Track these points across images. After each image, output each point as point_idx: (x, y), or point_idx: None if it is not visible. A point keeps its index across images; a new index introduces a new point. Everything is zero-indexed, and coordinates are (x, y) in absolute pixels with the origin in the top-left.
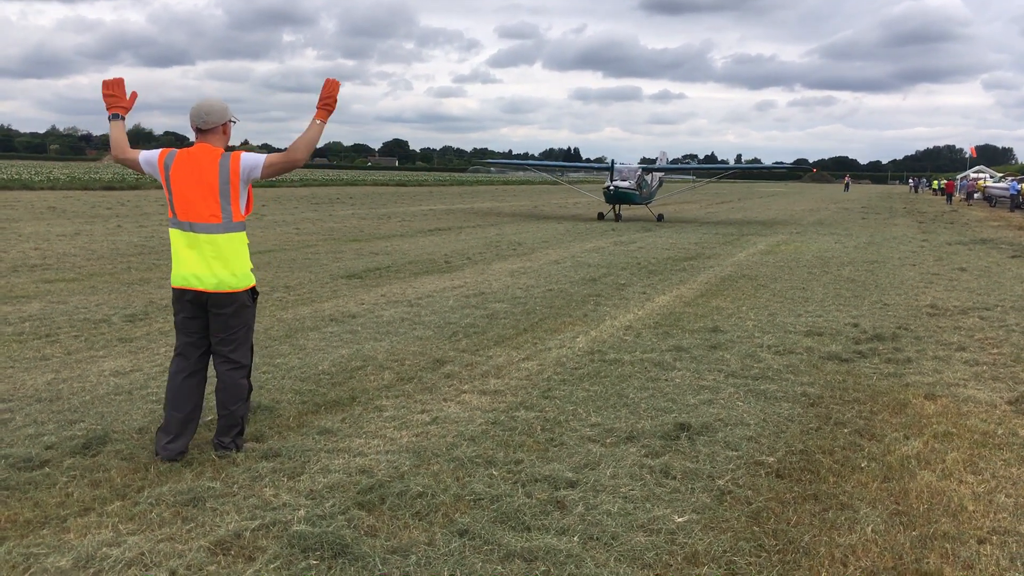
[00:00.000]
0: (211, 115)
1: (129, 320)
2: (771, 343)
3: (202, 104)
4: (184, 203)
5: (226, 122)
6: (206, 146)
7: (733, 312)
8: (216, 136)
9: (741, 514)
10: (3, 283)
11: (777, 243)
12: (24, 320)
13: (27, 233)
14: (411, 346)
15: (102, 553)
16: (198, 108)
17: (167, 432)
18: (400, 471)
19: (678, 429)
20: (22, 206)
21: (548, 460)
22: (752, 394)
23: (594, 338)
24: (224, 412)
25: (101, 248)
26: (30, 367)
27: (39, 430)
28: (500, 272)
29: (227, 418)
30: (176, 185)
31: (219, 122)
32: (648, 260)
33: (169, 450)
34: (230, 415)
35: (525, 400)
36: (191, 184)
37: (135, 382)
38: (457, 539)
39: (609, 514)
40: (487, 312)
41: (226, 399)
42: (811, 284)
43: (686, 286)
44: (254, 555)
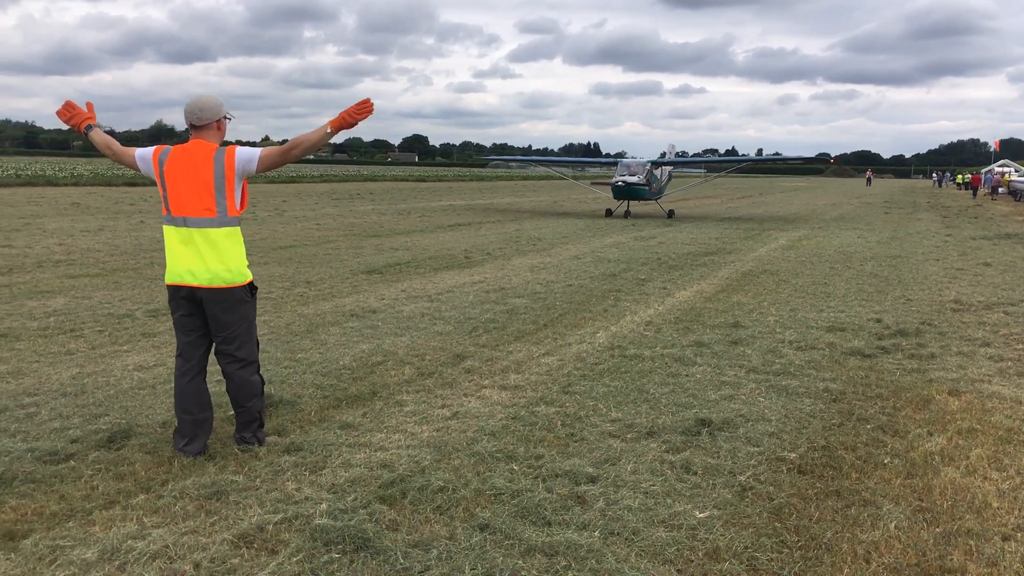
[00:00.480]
0: (205, 112)
1: (152, 315)
2: (793, 338)
3: (196, 101)
4: (178, 198)
5: (220, 118)
6: (200, 142)
7: (754, 307)
8: (211, 132)
9: (763, 510)
10: (28, 278)
11: (799, 238)
12: (49, 315)
13: (51, 229)
14: (431, 341)
15: (127, 546)
16: (192, 105)
17: (182, 435)
18: (421, 465)
19: (699, 425)
20: (46, 202)
21: (568, 455)
22: (773, 390)
23: (614, 333)
24: (240, 409)
25: (124, 244)
26: (55, 361)
27: (64, 424)
28: (520, 267)
29: (244, 414)
30: (170, 181)
31: (213, 118)
32: (668, 255)
33: (187, 451)
34: (247, 411)
35: (545, 395)
36: (186, 179)
37: (158, 376)
38: (478, 533)
39: (630, 509)
40: (507, 307)
41: (240, 397)
42: (833, 279)
43: (707, 281)
44: (277, 548)
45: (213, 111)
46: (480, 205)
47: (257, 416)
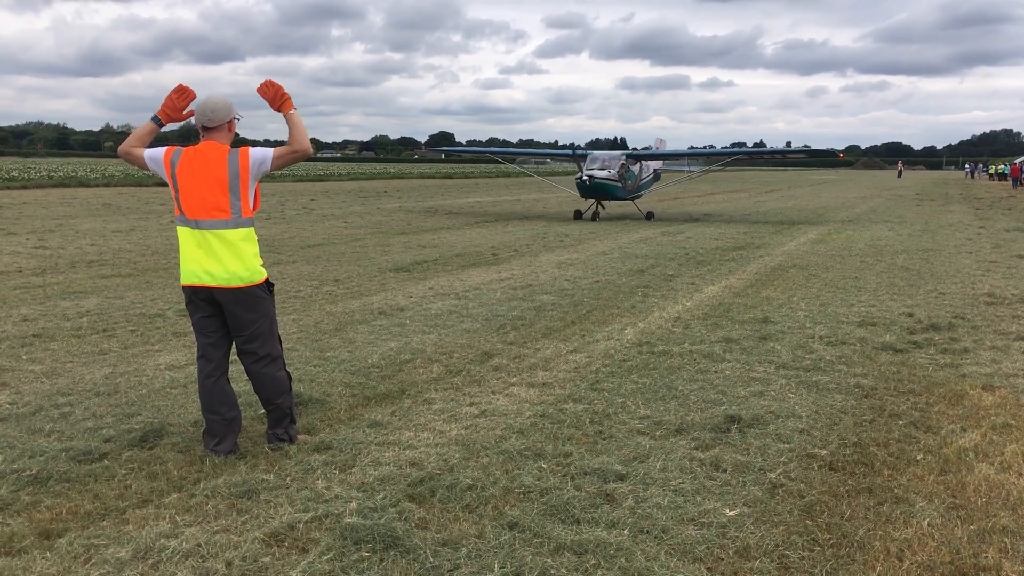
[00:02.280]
0: (216, 112)
1: (183, 314)
2: (823, 334)
3: (207, 102)
4: (191, 200)
5: (231, 119)
6: (212, 143)
7: (784, 302)
8: (221, 133)
9: (793, 508)
10: (62, 279)
11: (828, 232)
12: (82, 315)
13: (84, 229)
14: (459, 339)
15: (160, 544)
16: (203, 106)
17: (212, 435)
18: (450, 464)
19: (728, 421)
20: (79, 203)
21: (597, 453)
22: (804, 386)
23: (642, 330)
24: (271, 407)
25: (155, 244)
26: (88, 361)
27: (98, 423)
28: (547, 264)
29: (276, 411)
30: (183, 182)
31: (224, 120)
32: (696, 250)
33: (218, 451)
34: (277, 408)
35: (573, 393)
36: (199, 181)
37: (190, 376)
38: (507, 532)
39: (659, 507)
40: (534, 304)
41: (269, 395)
42: (864, 273)
43: (735, 276)
44: (307, 547)
45: (224, 112)
46: (507, 200)
47: (288, 412)
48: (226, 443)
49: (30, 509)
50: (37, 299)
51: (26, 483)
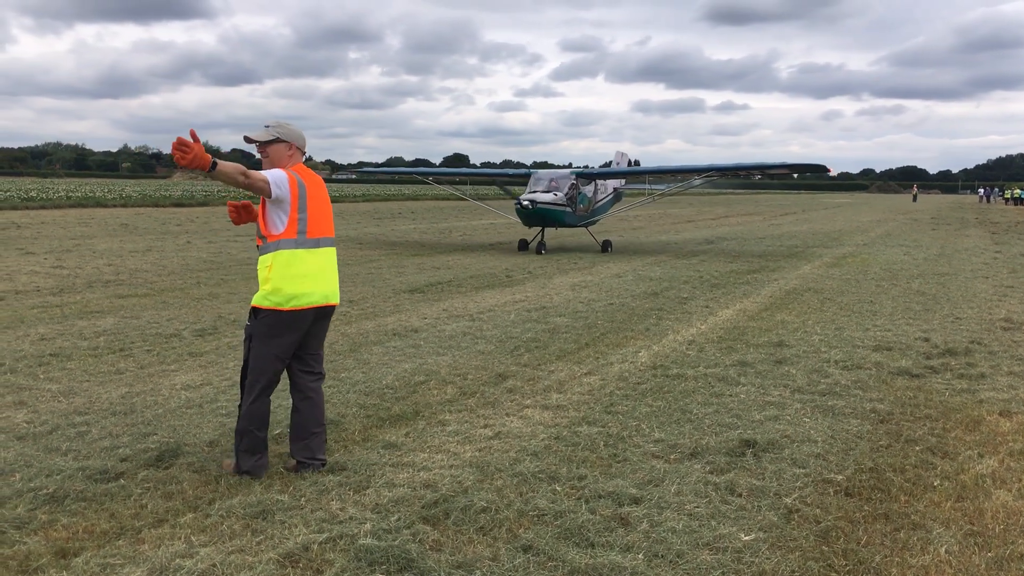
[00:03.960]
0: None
1: (199, 335)
2: (839, 358)
3: (297, 129)
4: (317, 220)
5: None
6: (303, 166)
7: (799, 326)
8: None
9: (809, 533)
10: (79, 298)
11: (843, 255)
12: (99, 335)
13: (101, 249)
14: (473, 360)
15: (175, 564)
16: (300, 133)
17: (255, 451)
18: (464, 486)
19: (743, 445)
20: (96, 223)
21: (611, 476)
22: (819, 410)
23: (657, 353)
24: (319, 429)
25: (172, 264)
26: (105, 381)
27: (114, 443)
28: (561, 286)
29: (323, 433)
30: (312, 203)
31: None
32: (711, 273)
33: (259, 467)
34: (324, 430)
35: (588, 415)
36: (321, 202)
37: (205, 396)
38: (521, 555)
39: (674, 531)
40: (548, 326)
41: (319, 414)
42: (879, 297)
43: (750, 299)
44: (322, 568)
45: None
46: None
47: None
48: (265, 459)
49: (47, 528)
50: (54, 318)
51: (43, 502)
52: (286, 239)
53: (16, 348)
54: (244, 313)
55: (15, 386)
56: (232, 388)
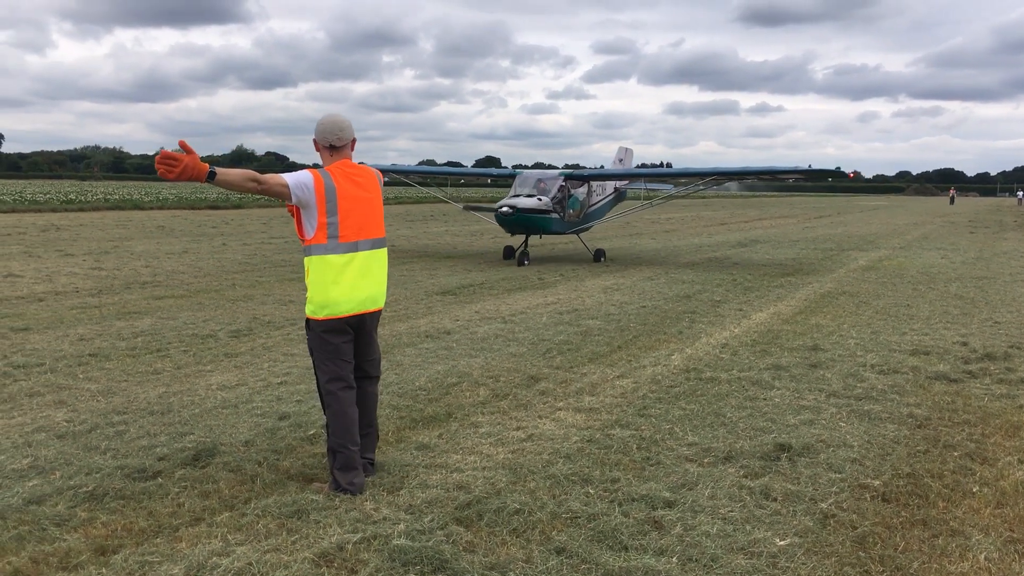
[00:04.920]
0: (345, 131)
1: (234, 335)
2: (875, 362)
3: (335, 121)
4: (352, 222)
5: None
6: (349, 162)
7: (834, 330)
8: (348, 151)
9: (846, 539)
10: (117, 299)
11: (879, 258)
12: (137, 335)
13: (138, 251)
14: (505, 363)
15: (212, 562)
16: (331, 125)
17: (350, 468)
18: (497, 487)
19: (778, 450)
20: (133, 225)
21: (645, 479)
22: (855, 415)
23: (690, 356)
24: (371, 429)
25: (207, 266)
26: (143, 381)
27: (152, 442)
28: (593, 288)
29: (375, 433)
30: (345, 205)
31: (351, 137)
32: (744, 276)
33: (357, 484)
34: (377, 429)
35: (620, 418)
36: (359, 202)
37: (241, 396)
38: (555, 557)
39: (708, 535)
40: (581, 329)
41: (373, 416)
42: (916, 301)
43: (784, 303)
44: (356, 568)
45: (350, 130)
46: None
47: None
48: (361, 477)
49: (86, 525)
50: (93, 319)
51: (83, 499)
52: (317, 244)
53: (56, 348)
54: (278, 315)
55: (55, 385)
56: (267, 389)
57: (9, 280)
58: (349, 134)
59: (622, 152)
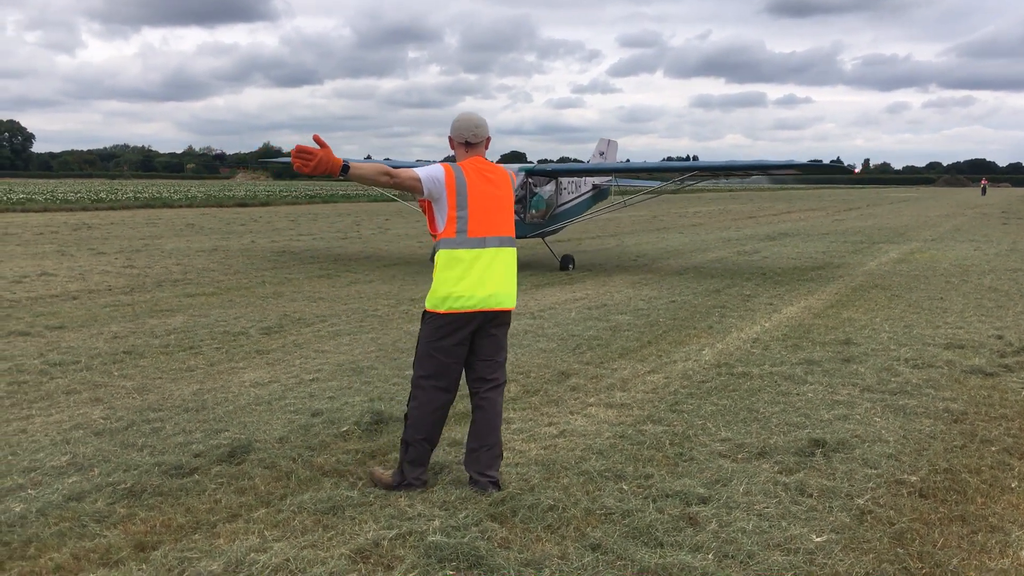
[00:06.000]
0: (480, 128)
1: (265, 332)
2: (908, 356)
3: (470, 117)
4: (481, 218)
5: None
6: (481, 159)
7: (866, 324)
8: (483, 149)
9: (883, 535)
10: (149, 297)
11: (911, 251)
12: (169, 333)
13: (169, 249)
14: (535, 358)
15: (250, 558)
16: (466, 122)
17: (420, 463)
18: (530, 484)
19: (812, 445)
20: (163, 223)
21: (678, 475)
22: (890, 409)
23: (721, 351)
24: (492, 442)
25: (237, 263)
26: (176, 378)
27: (187, 438)
28: (621, 283)
29: (497, 447)
30: (475, 200)
31: (486, 135)
32: (773, 270)
33: (420, 481)
34: (498, 443)
35: (652, 414)
36: (489, 198)
37: (273, 393)
38: (590, 553)
39: (744, 532)
40: (610, 324)
41: (495, 426)
42: (949, 294)
43: (815, 296)
44: (392, 564)
45: (486, 127)
46: None
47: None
48: (425, 475)
49: (125, 522)
50: (126, 317)
51: (121, 496)
52: (446, 238)
53: (91, 346)
54: (308, 311)
55: (91, 383)
56: (300, 386)
57: (43, 279)
58: (484, 131)
59: (603, 144)
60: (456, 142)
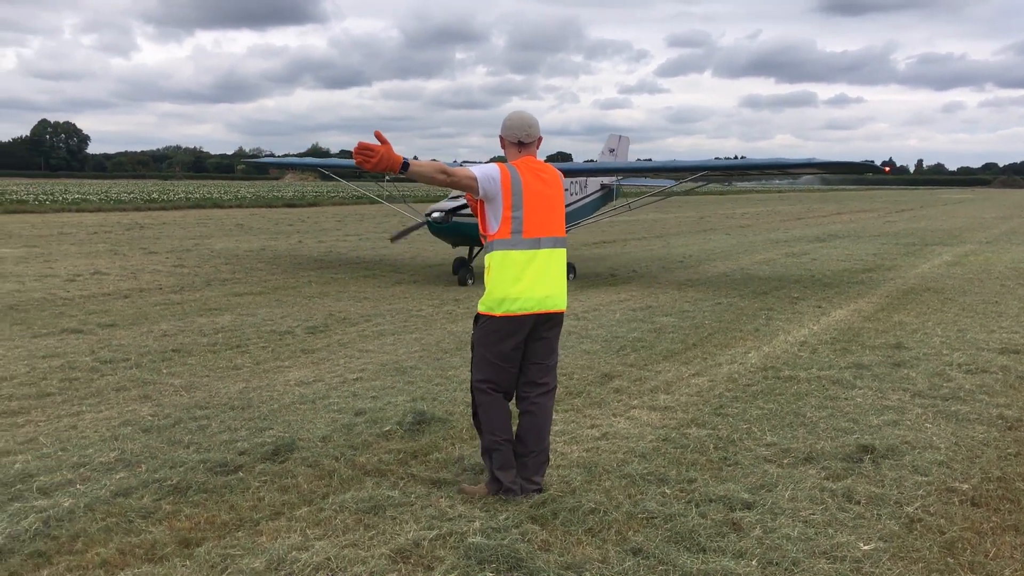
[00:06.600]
0: (533, 128)
1: (311, 332)
2: (961, 361)
3: (523, 117)
4: (535, 219)
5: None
6: (534, 159)
7: (918, 327)
8: (535, 149)
9: (933, 544)
10: (199, 296)
11: (965, 253)
12: (217, 331)
13: (218, 249)
14: (579, 360)
15: (292, 557)
16: (519, 121)
17: (509, 466)
18: (572, 486)
19: (861, 451)
20: (213, 223)
21: (722, 480)
22: (942, 415)
23: (767, 354)
24: (541, 448)
25: (284, 263)
26: (223, 376)
27: (233, 436)
28: (667, 284)
29: (544, 452)
30: (529, 200)
31: (538, 135)
32: (822, 272)
33: (518, 483)
34: (546, 449)
35: (696, 417)
36: (542, 199)
37: (318, 392)
38: (631, 558)
39: (789, 538)
40: (654, 326)
41: (544, 432)
42: (1005, 297)
43: (865, 299)
44: (432, 565)
45: (537, 127)
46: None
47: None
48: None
49: (171, 518)
50: (176, 315)
51: (167, 492)
52: (500, 239)
53: (141, 344)
54: (353, 311)
55: (140, 380)
56: (343, 385)
57: (96, 277)
58: (537, 131)
59: (613, 141)
60: (508, 142)
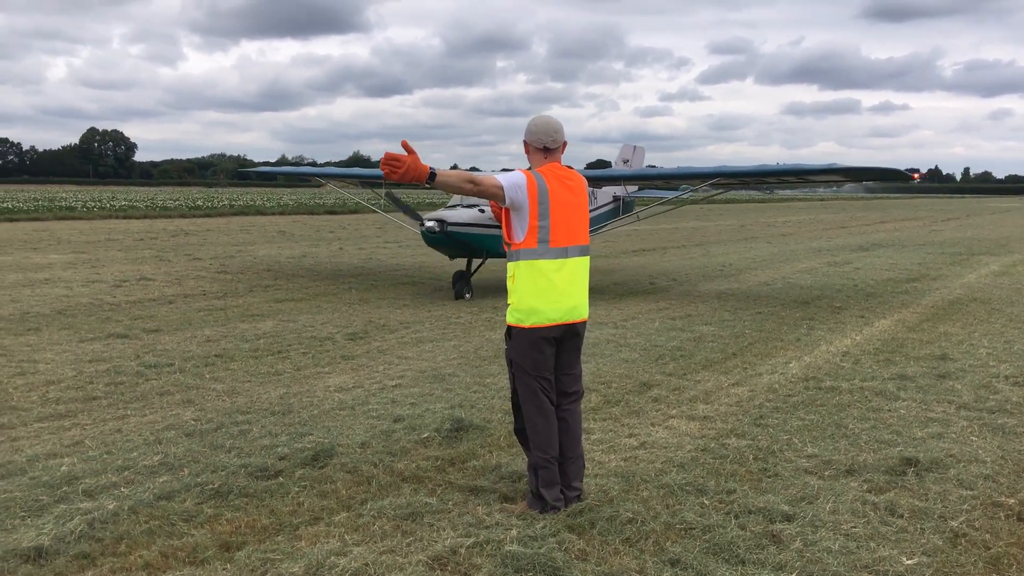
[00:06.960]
0: (559, 133)
1: (351, 338)
2: (1009, 373)
3: (548, 122)
4: (562, 228)
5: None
6: (559, 165)
7: (964, 338)
8: (560, 155)
9: (978, 559)
10: (241, 302)
11: (1012, 263)
12: (259, 337)
13: (260, 256)
14: (617, 368)
15: (330, 562)
16: (545, 126)
17: (554, 484)
18: (609, 495)
19: (904, 464)
20: (256, 230)
21: (762, 491)
22: (988, 428)
23: (808, 364)
24: (576, 455)
25: (325, 270)
26: (264, 381)
27: (273, 441)
28: (707, 293)
29: (580, 459)
30: (556, 209)
31: (563, 139)
32: (866, 281)
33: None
34: (582, 455)
35: (736, 427)
36: (569, 207)
37: (357, 398)
38: (669, 568)
39: (830, 552)
40: (694, 335)
41: (578, 437)
42: None
43: (909, 310)
44: (469, 572)
45: (562, 132)
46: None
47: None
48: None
49: (212, 521)
50: (219, 321)
51: (209, 496)
52: (526, 249)
53: (185, 349)
54: (392, 318)
55: (184, 385)
56: (382, 392)
57: (142, 283)
58: (562, 136)
59: (627, 151)
60: (533, 147)
